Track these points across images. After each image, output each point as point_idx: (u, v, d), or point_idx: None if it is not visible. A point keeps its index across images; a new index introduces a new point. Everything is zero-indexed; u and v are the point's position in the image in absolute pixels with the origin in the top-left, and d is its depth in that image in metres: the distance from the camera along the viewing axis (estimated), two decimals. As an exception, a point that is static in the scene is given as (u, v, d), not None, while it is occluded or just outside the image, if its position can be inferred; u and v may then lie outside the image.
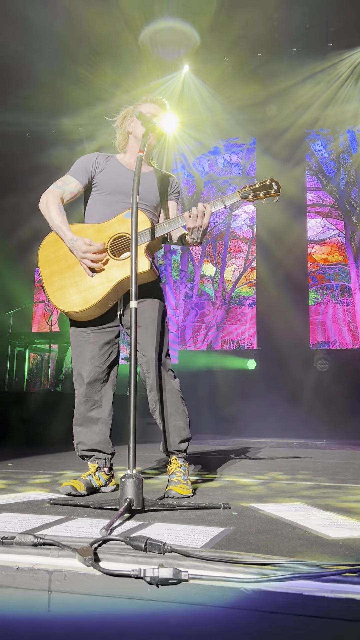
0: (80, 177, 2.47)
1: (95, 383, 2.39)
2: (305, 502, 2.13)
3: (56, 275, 2.37)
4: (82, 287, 2.31)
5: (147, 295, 2.39)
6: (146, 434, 6.20)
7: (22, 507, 1.92)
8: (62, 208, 2.42)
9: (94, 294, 2.29)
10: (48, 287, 2.38)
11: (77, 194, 2.49)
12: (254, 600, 1.04)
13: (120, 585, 1.11)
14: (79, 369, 2.41)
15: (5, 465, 3.50)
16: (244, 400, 8.28)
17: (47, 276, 2.39)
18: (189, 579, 1.08)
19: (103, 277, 2.30)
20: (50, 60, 8.25)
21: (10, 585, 1.16)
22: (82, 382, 2.40)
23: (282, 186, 2.29)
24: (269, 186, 2.23)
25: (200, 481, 2.77)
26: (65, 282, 2.34)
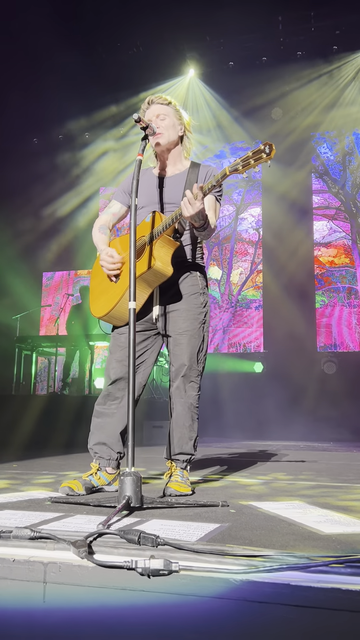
0: (120, 198, 2.63)
1: (120, 381, 2.44)
2: (304, 501, 2.15)
3: (96, 287, 2.59)
4: (109, 293, 2.47)
5: (184, 300, 2.44)
6: (152, 436, 6.25)
7: (24, 504, 1.95)
8: (104, 229, 2.59)
9: (113, 298, 2.42)
10: (90, 298, 2.62)
11: (123, 215, 2.66)
12: (243, 590, 1.06)
13: (113, 577, 1.14)
14: (108, 366, 2.49)
15: (10, 466, 3.54)
16: (251, 403, 8.29)
17: (92, 289, 2.63)
18: (179, 570, 1.10)
19: (121, 282, 2.43)
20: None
21: (7, 577, 1.19)
22: (108, 379, 2.47)
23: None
24: (261, 151, 2.01)
25: (202, 481, 2.79)
26: (100, 291, 2.55)
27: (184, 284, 2.47)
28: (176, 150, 2.55)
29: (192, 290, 2.47)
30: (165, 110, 2.49)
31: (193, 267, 2.52)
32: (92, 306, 2.57)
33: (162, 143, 2.48)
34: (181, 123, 2.54)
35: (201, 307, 2.48)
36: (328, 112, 9.44)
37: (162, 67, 9.19)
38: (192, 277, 2.49)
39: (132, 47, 9.08)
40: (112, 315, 2.45)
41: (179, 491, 2.19)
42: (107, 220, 2.61)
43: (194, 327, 2.43)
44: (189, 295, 2.46)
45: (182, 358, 2.40)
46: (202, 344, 2.46)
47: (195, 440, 2.43)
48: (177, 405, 2.41)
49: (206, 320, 2.50)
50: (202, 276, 2.54)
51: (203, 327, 2.47)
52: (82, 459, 3.88)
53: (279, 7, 8.30)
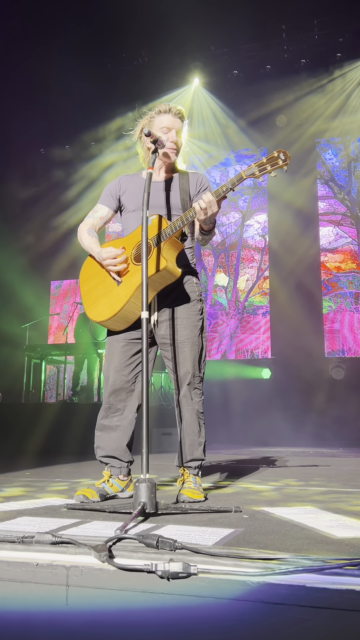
0: (107, 202, 2.66)
1: (119, 392, 2.46)
2: (316, 506, 2.17)
3: (91, 291, 2.53)
4: (111, 296, 2.44)
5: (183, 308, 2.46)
6: (162, 444, 6.26)
7: (41, 511, 1.99)
8: (92, 232, 2.60)
9: (118, 300, 2.40)
10: (85, 303, 2.55)
11: (110, 218, 2.68)
12: (259, 592, 1.10)
13: (134, 580, 1.18)
14: (106, 376, 2.51)
15: (23, 474, 3.58)
16: (259, 409, 8.30)
17: (85, 294, 2.56)
18: (198, 573, 1.14)
19: (126, 284, 2.41)
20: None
21: (30, 580, 1.23)
22: (106, 389, 2.49)
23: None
24: (276, 157, 2.11)
25: (214, 488, 2.82)
26: (98, 294, 2.49)
27: (182, 291, 2.50)
28: (175, 161, 2.62)
29: (191, 297, 2.50)
30: (180, 126, 2.57)
31: (189, 274, 2.54)
32: (90, 310, 2.50)
33: (172, 160, 2.54)
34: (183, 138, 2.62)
35: (199, 314, 2.51)
36: (333, 119, 9.50)
37: (167, 76, 9.28)
38: (190, 284, 2.52)
39: (137, 57, 9.19)
40: (116, 320, 2.42)
41: (192, 498, 2.23)
42: (94, 224, 2.63)
43: (194, 334, 2.46)
44: (188, 302, 2.49)
45: (186, 366, 2.43)
46: (202, 351, 2.50)
47: (204, 446, 2.46)
48: (185, 413, 2.44)
49: (204, 327, 2.53)
50: (198, 283, 2.58)
51: (201, 334, 2.51)
52: (93, 466, 3.91)
53: (283, 16, 8.38)
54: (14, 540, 1.34)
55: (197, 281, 2.57)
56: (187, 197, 2.54)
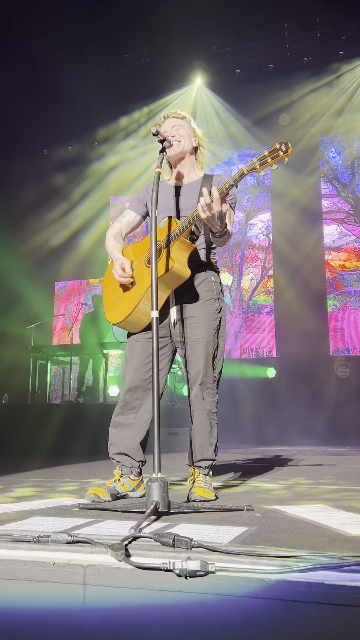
0: (135, 207, 2.68)
1: (136, 390, 2.46)
2: (327, 504, 2.17)
3: (110, 294, 2.59)
4: (126, 299, 2.48)
5: (199, 306, 2.46)
6: (169, 444, 6.27)
7: (53, 511, 2.00)
8: (118, 237, 2.63)
9: (132, 302, 2.43)
10: (104, 305, 2.61)
11: (137, 223, 2.70)
12: (278, 589, 1.10)
13: (151, 578, 1.18)
14: (124, 375, 2.52)
15: (31, 474, 3.59)
16: (265, 408, 8.29)
17: (105, 297, 2.62)
18: (215, 571, 1.14)
19: (138, 286, 2.45)
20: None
21: (48, 579, 1.23)
22: (123, 388, 2.50)
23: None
24: (277, 149, 2.06)
25: (224, 487, 2.82)
26: (115, 297, 2.55)
27: (200, 288, 2.50)
28: (190, 160, 2.63)
29: (207, 296, 2.50)
30: (180, 122, 2.60)
31: (208, 272, 2.54)
32: (108, 313, 2.57)
33: (177, 150, 2.55)
34: (195, 136, 2.63)
35: (216, 313, 2.50)
36: (336, 117, 9.48)
37: (170, 76, 9.29)
38: (207, 282, 2.51)
39: (140, 57, 9.19)
40: (129, 322, 2.46)
41: (203, 497, 2.23)
42: (120, 229, 2.66)
43: (209, 333, 2.45)
44: (205, 301, 2.49)
45: (198, 365, 2.43)
46: (217, 350, 2.49)
47: (215, 446, 2.46)
48: (196, 413, 2.44)
49: (221, 326, 2.52)
50: (217, 281, 2.56)
51: (218, 333, 2.50)
52: (102, 466, 3.92)
53: (285, 14, 8.37)
54: (30, 540, 1.35)
55: (216, 279, 2.55)
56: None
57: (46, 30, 8.12)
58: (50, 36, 8.17)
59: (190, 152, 2.62)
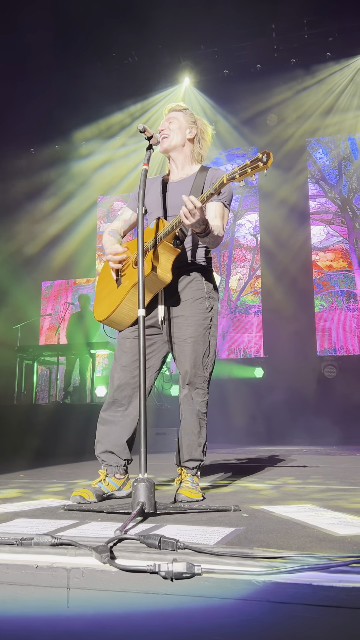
0: (132, 205, 2.65)
1: (125, 387, 2.43)
2: (315, 504, 2.16)
3: (101, 291, 2.59)
4: (112, 296, 2.47)
5: (188, 306, 2.42)
6: (157, 444, 6.24)
7: (37, 513, 1.96)
8: (114, 233, 2.61)
9: (115, 300, 2.42)
10: (94, 302, 2.61)
11: (134, 221, 2.66)
12: (265, 591, 1.08)
13: (136, 581, 1.15)
14: (112, 372, 2.50)
15: (17, 476, 3.54)
16: (252, 408, 8.30)
17: (96, 294, 2.63)
18: (202, 573, 1.12)
19: (124, 285, 2.43)
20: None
21: (30, 583, 1.20)
22: (112, 385, 2.47)
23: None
24: (259, 159, 1.99)
25: (212, 487, 2.80)
26: (104, 294, 2.54)
27: (189, 288, 2.46)
28: (183, 154, 2.58)
29: (197, 295, 2.45)
30: (176, 115, 2.58)
31: (198, 271, 2.49)
32: (95, 309, 2.57)
33: (165, 146, 2.53)
34: (192, 128, 2.57)
35: (206, 311, 2.45)
36: (323, 118, 9.53)
37: (158, 76, 9.27)
38: (197, 281, 2.47)
39: (128, 56, 9.16)
40: (112, 320, 2.45)
41: (190, 497, 2.21)
42: (117, 226, 2.64)
43: (198, 333, 2.42)
44: (194, 300, 2.44)
45: (186, 365, 2.40)
46: (208, 349, 2.46)
47: (204, 447, 2.44)
48: (185, 413, 2.42)
49: (212, 325, 2.48)
50: (208, 280, 2.51)
51: (209, 332, 2.46)
52: (88, 467, 3.88)
53: (273, 15, 8.39)
54: (12, 543, 1.31)
55: (207, 278, 2.51)
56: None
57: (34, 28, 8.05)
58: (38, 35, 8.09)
59: (182, 144, 2.55)
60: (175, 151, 2.56)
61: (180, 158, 2.58)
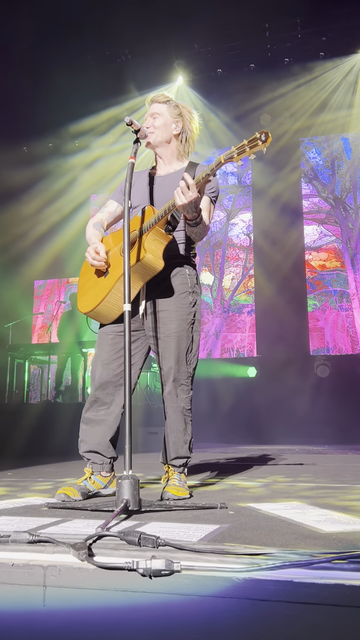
0: (117, 198, 2.61)
1: (107, 385, 2.38)
2: (303, 502, 2.14)
3: (85, 284, 2.52)
4: (97, 288, 2.41)
5: (173, 300, 2.39)
6: (148, 443, 6.21)
7: (20, 511, 1.93)
8: (98, 226, 2.56)
9: (102, 291, 2.36)
10: (78, 295, 2.54)
11: (119, 214, 2.61)
12: (245, 588, 1.05)
13: (114, 578, 1.13)
14: (93, 369, 2.44)
15: (5, 474, 3.50)
16: (245, 407, 8.28)
17: (79, 287, 2.55)
18: (181, 570, 1.09)
19: (112, 275, 2.38)
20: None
21: (6, 581, 1.17)
22: (93, 383, 2.42)
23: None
24: (257, 139, 1.97)
25: (200, 485, 2.77)
26: (89, 287, 2.47)
27: (173, 281, 2.42)
28: (169, 149, 2.53)
29: (181, 289, 2.42)
30: (160, 109, 2.51)
31: (183, 265, 2.45)
32: (79, 302, 2.50)
33: (150, 142, 2.49)
34: (178, 122, 2.51)
35: (190, 306, 2.41)
36: (316, 117, 9.53)
37: (151, 74, 9.22)
38: (181, 275, 2.43)
39: (121, 55, 9.12)
40: (98, 312, 2.38)
41: (176, 495, 2.18)
42: (102, 219, 2.59)
43: (182, 328, 2.38)
44: (178, 295, 2.40)
45: (170, 361, 2.36)
46: (191, 344, 2.41)
47: (190, 443, 2.41)
48: (169, 410, 2.38)
49: (195, 320, 2.43)
50: (193, 275, 2.48)
51: (192, 328, 2.42)
52: (77, 466, 3.85)
53: (266, 15, 8.38)
54: (-11, 540, 1.28)
55: (191, 273, 2.47)
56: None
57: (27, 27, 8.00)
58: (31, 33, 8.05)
59: (167, 140, 2.51)
60: (161, 147, 2.53)
61: (166, 153, 2.54)
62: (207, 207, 2.42)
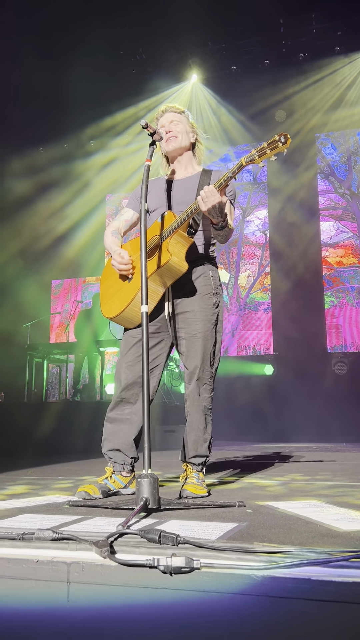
0: (132, 205, 2.66)
1: (132, 386, 2.43)
2: (321, 500, 2.15)
3: (108, 289, 2.56)
4: (122, 293, 2.45)
5: (197, 301, 2.43)
6: (165, 441, 6.25)
7: (42, 509, 1.97)
8: (116, 233, 2.60)
9: (127, 297, 2.40)
10: (101, 301, 2.58)
11: (136, 221, 2.66)
12: (264, 586, 1.07)
13: (136, 575, 1.16)
14: (119, 370, 2.49)
15: (25, 472, 3.57)
16: (262, 405, 8.27)
17: (102, 293, 2.59)
18: (201, 568, 1.12)
19: (135, 281, 2.42)
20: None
21: (31, 577, 1.21)
22: (119, 384, 2.47)
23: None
24: (276, 141, 2.04)
25: (218, 483, 2.80)
26: (113, 292, 2.52)
27: (197, 283, 2.47)
28: (187, 155, 2.62)
29: (205, 291, 2.47)
30: (178, 117, 2.59)
31: (206, 266, 2.51)
32: (104, 308, 2.54)
33: (175, 146, 2.54)
34: (193, 131, 2.62)
35: (214, 307, 2.47)
36: (332, 113, 9.45)
37: (165, 73, 9.24)
38: (204, 276, 2.49)
39: (135, 54, 9.15)
40: (123, 317, 2.43)
41: (195, 493, 2.21)
42: (119, 227, 2.63)
43: (207, 328, 2.43)
44: (202, 296, 2.46)
45: (196, 360, 2.41)
46: (215, 345, 2.47)
47: (209, 443, 2.44)
48: (191, 409, 2.42)
49: (219, 321, 2.49)
50: (216, 276, 2.54)
51: (216, 329, 2.47)
52: (97, 464, 3.89)
53: (280, 10, 8.33)
54: (14, 537, 1.32)
55: (214, 274, 2.53)
56: None
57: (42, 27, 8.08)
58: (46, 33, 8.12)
59: (187, 147, 2.61)
60: (181, 152, 2.60)
61: (184, 159, 2.62)
62: (228, 209, 2.46)
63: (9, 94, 8.72)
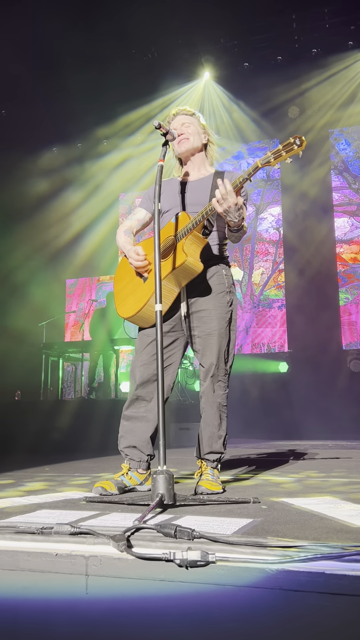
0: (145, 205, 2.69)
1: (147, 384, 2.46)
2: (336, 497, 2.16)
3: (123, 289, 2.59)
4: (138, 293, 2.49)
5: (211, 300, 2.46)
6: (180, 439, 6.28)
7: (60, 504, 2.01)
8: (128, 232, 2.63)
9: (143, 297, 2.44)
10: (116, 300, 2.61)
11: (148, 221, 2.69)
12: (278, 579, 1.09)
13: (152, 569, 1.18)
14: (134, 369, 2.52)
15: (42, 469, 3.62)
16: (277, 403, 8.27)
17: (117, 293, 2.62)
18: (216, 561, 1.14)
19: (150, 281, 2.44)
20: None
21: (50, 570, 1.24)
22: (134, 382, 2.50)
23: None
24: (291, 143, 2.08)
25: (233, 480, 2.82)
26: (128, 292, 2.55)
27: (211, 282, 2.50)
28: (200, 156, 2.64)
29: (219, 289, 2.50)
30: (190, 120, 2.62)
31: (219, 266, 2.54)
32: (119, 308, 2.57)
33: (187, 147, 2.56)
34: (205, 132, 2.65)
35: (227, 306, 2.50)
36: (345, 108, 9.38)
37: (178, 71, 9.24)
38: (218, 276, 2.52)
39: (147, 53, 9.16)
40: (140, 316, 2.46)
41: (210, 489, 2.23)
42: (131, 226, 2.66)
43: (221, 326, 2.46)
44: (217, 294, 2.49)
45: (212, 358, 2.43)
46: (229, 343, 2.50)
47: (224, 439, 2.46)
48: (207, 405, 2.45)
49: (232, 319, 2.52)
50: (229, 275, 2.57)
51: (230, 327, 2.50)
52: (113, 461, 3.94)
53: (293, 5, 8.29)
54: (33, 532, 1.36)
55: (227, 273, 2.56)
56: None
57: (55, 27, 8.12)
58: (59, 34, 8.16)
59: (199, 149, 2.63)
60: (194, 153, 2.62)
61: (197, 160, 2.64)
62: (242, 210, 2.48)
63: (22, 95, 8.79)
